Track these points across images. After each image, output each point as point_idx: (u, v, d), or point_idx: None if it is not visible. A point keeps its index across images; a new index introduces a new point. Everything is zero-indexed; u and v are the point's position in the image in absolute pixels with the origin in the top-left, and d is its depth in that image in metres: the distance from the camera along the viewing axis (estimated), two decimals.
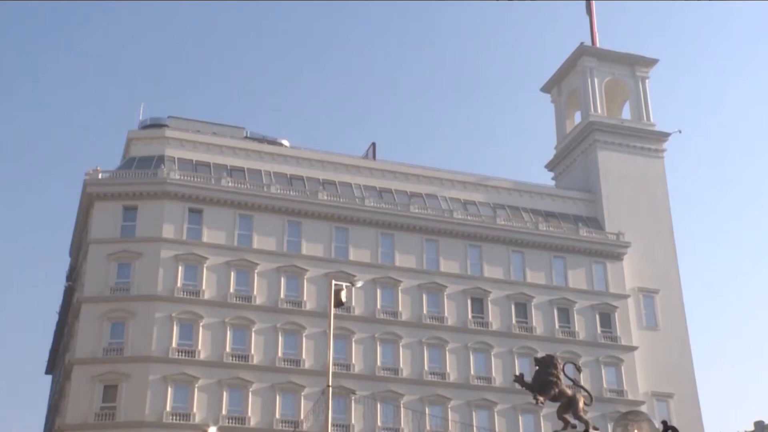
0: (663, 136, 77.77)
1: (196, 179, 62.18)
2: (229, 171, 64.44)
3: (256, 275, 60.70)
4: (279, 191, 63.62)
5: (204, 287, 59.32)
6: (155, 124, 68.03)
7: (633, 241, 70.42)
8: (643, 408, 60.60)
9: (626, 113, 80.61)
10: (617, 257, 69.86)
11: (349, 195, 66.05)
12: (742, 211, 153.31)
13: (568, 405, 31.82)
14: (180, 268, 59.33)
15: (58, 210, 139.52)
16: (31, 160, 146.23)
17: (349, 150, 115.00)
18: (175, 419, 55.20)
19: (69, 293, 69.76)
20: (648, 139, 77.20)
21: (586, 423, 30.30)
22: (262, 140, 69.51)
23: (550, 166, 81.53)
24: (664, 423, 7.96)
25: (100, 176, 61.70)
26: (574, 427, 31.10)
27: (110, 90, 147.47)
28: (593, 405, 36.83)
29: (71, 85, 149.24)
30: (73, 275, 69.02)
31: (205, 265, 59.84)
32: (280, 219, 62.92)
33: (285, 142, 70.46)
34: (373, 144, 72.84)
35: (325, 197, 64.49)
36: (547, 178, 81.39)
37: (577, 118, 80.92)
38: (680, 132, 78.81)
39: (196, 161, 64.43)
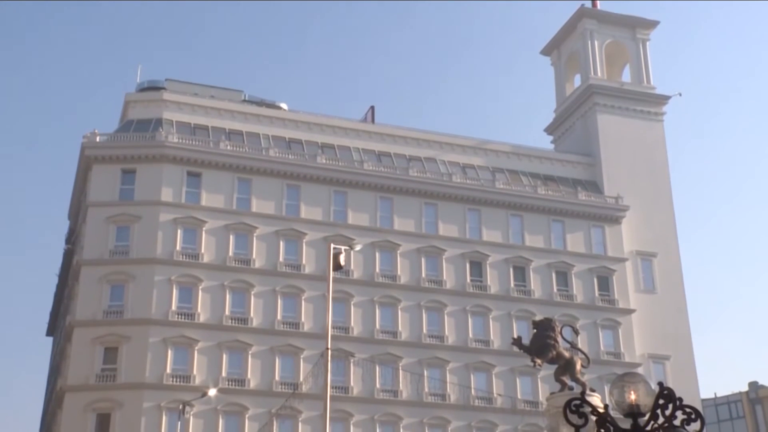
0: (663, 99, 77.43)
1: (194, 143, 62.01)
2: (227, 134, 64.24)
3: (255, 239, 60.80)
4: (277, 155, 63.48)
5: (203, 251, 59.43)
6: (153, 87, 67.69)
7: (632, 205, 70.47)
8: (640, 370, 61.09)
9: (626, 76, 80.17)
10: (616, 221, 69.94)
11: (348, 159, 65.93)
12: (741, 175, 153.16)
13: (565, 367, 32.14)
14: (179, 231, 59.41)
15: (56, 173, 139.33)
16: (28, 122, 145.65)
17: (348, 113, 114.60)
18: (176, 381, 55.62)
19: (68, 256, 69.93)
20: (648, 103, 76.85)
21: (583, 385, 30.59)
22: (260, 104, 69.20)
23: (550, 130, 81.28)
24: (660, 384, 7.99)
25: (97, 139, 61.53)
26: (571, 388, 31.40)
27: (107, 52, 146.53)
28: (590, 367, 37.16)
29: (68, 46, 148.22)
30: (73, 238, 69.14)
31: (204, 229, 59.90)
32: (279, 182, 62.85)
33: (283, 106, 70.16)
34: (372, 107, 72.60)
35: (324, 161, 64.38)
36: (546, 142, 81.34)
37: (577, 81, 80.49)
38: (680, 95, 78.58)
39: (194, 125, 64.21)
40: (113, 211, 59.33)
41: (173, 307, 57.42)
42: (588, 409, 8.22)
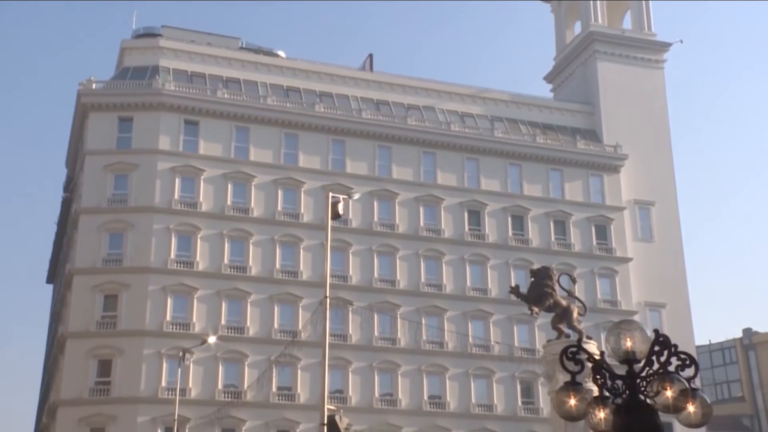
0: (664, 47, 76.69)
1: (191, 90, 61.58)
2: (224, 82, 63.78)
3: (253, 187, 60.75)
4: (275, 103, 63.10)
5: (201, 199, 59.42)
6: (149, 34, 67.00)
7: (630, 154, 70.29)
8: (636, 318, 61.55)
9: (627, 23, 79.33)
10: (614, 170, 69.83)
11: (346, 107, 65.58)
12: (740, 123, 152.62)
13: (562, 315, 32.42)
14: (177, 180, 59.33)
15: (54, 120, 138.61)
16: (24, 69, 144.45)
17: (346, 62, 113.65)
18: (175, 328, 56.05)
19: (67, 204, 69.98)
20: (648, 50, 76.12)
21: (579, 333, 30.87)
22: (257, 51, 68.55)
23: (549, 78, 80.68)
24: (656, 332, 8.06)
25: (93, 86, 61.08)
26: (567, 336, 31.69)
27: None
28: (587, 315, 37.44)
29: None
30: (71, 186, 69.10)
31: (202, 178, 59.81)
32: (277, 131, 62.60)
33: (281, 54, 69.51)
34: (370, 55, 72.02)
35: (322, 109, 64.02)
36: (545, 91, 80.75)
37: (577, 28, 79.64)
38: (681, 42, 77.79)
39: (191, 72, 63.71)
40: (111, 160, 59.16)
41: (172, 256, 57.62)
42: (584, 356, 8.29)
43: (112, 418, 53.66)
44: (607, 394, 8.16)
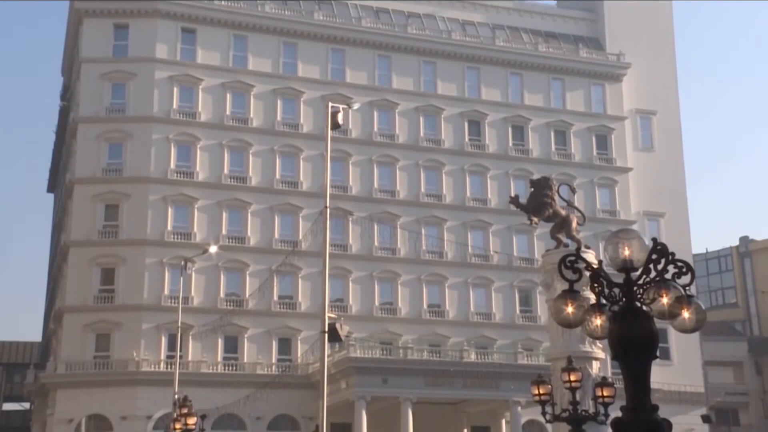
0: None
1: None
2: None
3: (252, 97, 60.29)
4: (274, 11, 62.01)
5: (200, 109, 59.05)
6: None
7: (633, 62, 69.38)
8: (635, 227, 61.63)
9: None
10: (617, 78, 69.14)
11: (346, 15, 64.50)
12: (746, 33, 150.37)
13: (561, 225, 32.68)
14: (175, 89, 58.83)
15: (49, 25, 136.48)
16: None
17: None
18: (177, 238, 56.47)
19: (65, 112, 69.59)
20: None
21: (578, 242, 31.16)
22: None
23: None
24: (654, 240, 8.13)
25: None
26: (566, 246, 32.01)
27: None
28: (586, 225, 37.74)
29: None
30: (68, 95, 68.59)
31: (200, 87, 59.30)
32: (276, 40, 61.74)
33: None
34: None
35: (321, 17, 62.99)
36: None
37: None
38: None
39: None
40: (107, 68, 58.53)
41: (172, 166, 57.59)
42: (582, 265, 8.37)
43: (116, 324, 54.59)
44: (604, 301, 8.28)
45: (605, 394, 19.70)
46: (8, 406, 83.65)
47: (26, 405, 77.80)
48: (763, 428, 79.70)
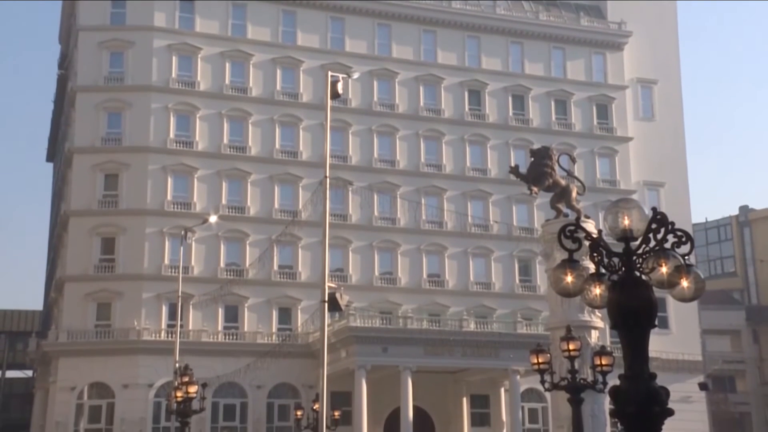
0: None
1: None
2: None
3: (251, 66, 60.00)
4: None
5: (199, 78, 58.79)
6: None
7: (635, 31, 68.96)
8: (635, 197, 61.65)
9: None
10: (618, 47, 68.78)
11: None
12: (750, 1, 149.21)
13: (561, 195, 32.67)
14: (174, 58, 58.53)
15: None
16: None
17: None
18: (177, 208, 56.49)
19: (63, 81, 69.28)
20: None
21: (578, 212, 31.19)
22: None
23: None
24: (654, 210, 8.14)
25: None
26: (566, 215, 32.04)
27: None
28: (586, 195, 37.79)
29: None
30: (66, 63, 68.24)
31: (199, 56, 59.00)
32: (275, 8, 61.31)
33: None
34: None
35: None
36: None
37: None
38: None
39: None
40: (105, 36, 58.20)
41: (171, 135, 57.46)
42: (582, 235, 8.39)
43: (117, 293, 54.79)
44: (603, 271, 8.31)
45: (604, 362, 19.86)
46: (11, 374, 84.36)
47: (29, 372, 78.36)
48: (760, 395, 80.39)
